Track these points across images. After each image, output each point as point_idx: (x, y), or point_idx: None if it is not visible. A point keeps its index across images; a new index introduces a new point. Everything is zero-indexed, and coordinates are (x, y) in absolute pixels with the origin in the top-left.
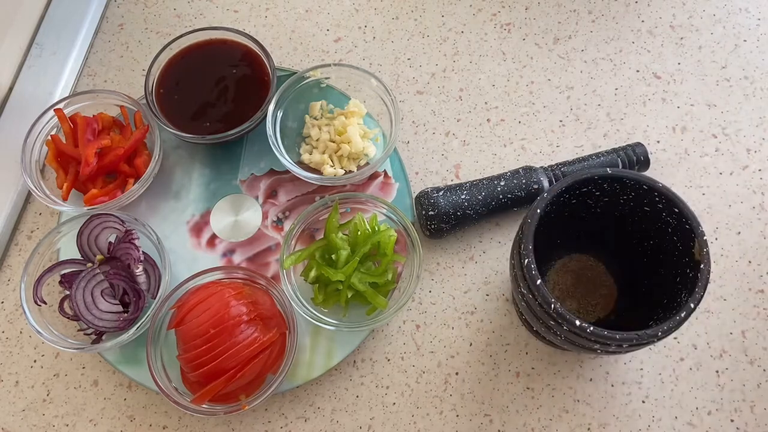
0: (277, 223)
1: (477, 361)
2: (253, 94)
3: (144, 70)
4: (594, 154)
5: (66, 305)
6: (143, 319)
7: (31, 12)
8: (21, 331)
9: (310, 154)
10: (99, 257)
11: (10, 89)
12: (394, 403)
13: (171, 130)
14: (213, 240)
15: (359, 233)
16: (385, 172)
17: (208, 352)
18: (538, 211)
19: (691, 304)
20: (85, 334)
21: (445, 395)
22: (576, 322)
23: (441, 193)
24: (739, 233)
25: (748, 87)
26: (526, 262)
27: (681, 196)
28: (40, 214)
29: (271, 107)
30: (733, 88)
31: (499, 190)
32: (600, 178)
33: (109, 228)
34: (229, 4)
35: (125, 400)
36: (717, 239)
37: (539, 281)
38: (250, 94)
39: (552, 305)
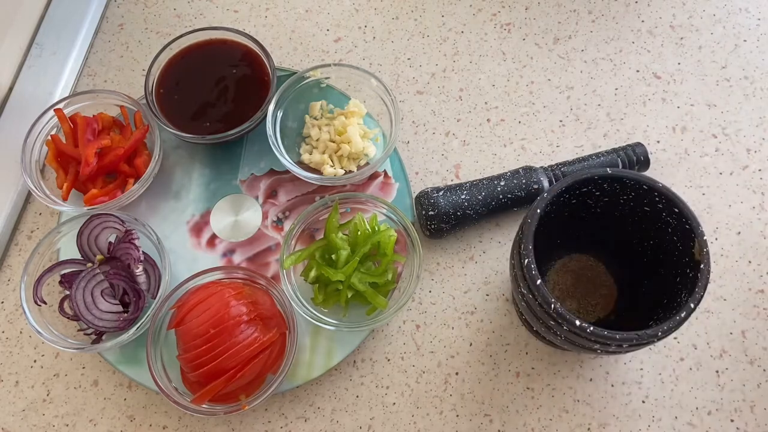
0: (277, 223)
1: (477, 361)
2: (253, 94)
3: (144, 70)
4: (594, 154)
5: (66, 305)
6: (143, 319)
7: (31, 12)
8: (21, 331)
9: (310, 154)
10: (99, 257)
11: (10, 89)
12: (394, 403)
13: (171, 130)
14: (213, 240)
15: (359, 233)
16: (385, 172)
17: (208, 352)
18: (538, 211)
19: (691, 304)
20: (85, 334)
21: (445, 395)
22: (576, 322)
23: (441, 193)
24: (739, 233)
25: (748, 87)
26: (526, 262)
27: (681, 196)
28: (40, 214)
29: (271, 107)
30: (733, 88)
31: (499, 190)
32: (600, 178)
33: (109, 228)
34: (229, 4)
35: (125, 400)
36: (717, 239)
37: (539, 281)
38: (250, 94)
39: (552, 305)
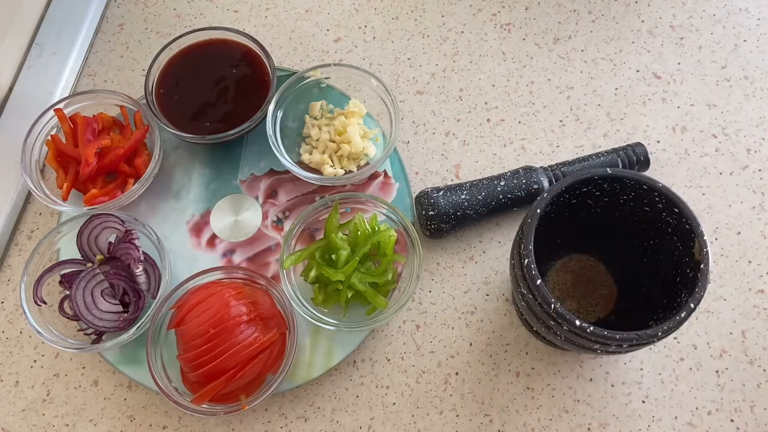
0: (277, 223)
1: (477, 361)
2: (253, 94)
3: (144, 70)
4: (594, 154)
5: (66, 305)
6: (143, 319)
7: (31, 12)
8: (21, 331)
9: (310, 154)
10: (99, 257)
11: (10, 89)
12: (394, 403)
13: (171, 130)
14: (213, 240)
15: (359, 233)
16: (385, 172)
17: (208, 352)
18: (538, 211)
19: (691, 304)
20: (85, 334)
21: (445, 395)
22: (576, 322)
23: (441, 193)
24: (739, 233)
25: (748, 87)
26: (526, 262)
27: (681, 196)
28: (40, 214)
29: (271, 107)
30: (733, 88)
31: (499, 190)
32: (600, 178)
33: (109, 228)
34: (229, 4)
35: (125, 400)
36: (717, 239)
37: (539, 281)
38: (250, 94)
39: (552, 305)
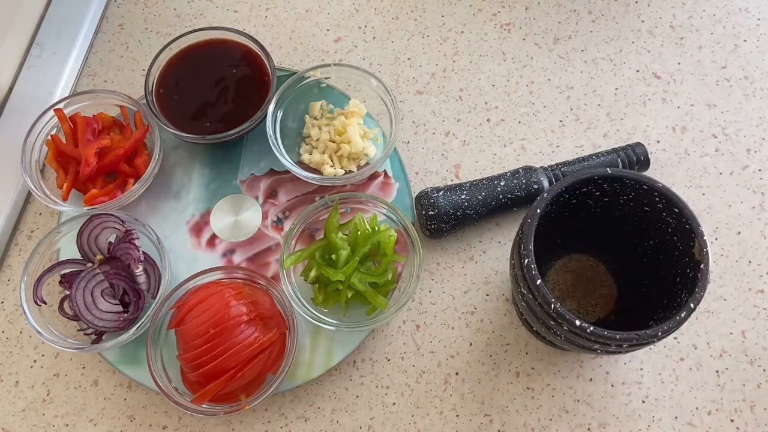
0: (277, 223)
1: (477, 361)
2: (253, 94)
3: (144, 70)
4: (594, 154)
5: (66, 305)
6: (143, 319)
7: (31, 12)
8: (21, 331)
9: (310, 154)
10: (99, 257)
11: (10, 89)
12: (394, 403)
13: (171, 130)
14: (213, 240)
15: (359, 233)
16: (385, 172)
17: (208, 352)
18: (538, 211)
19: (691, 304)
20: (85, 334)
21: (445, 395)
22: (576, 322)
23: (441, 193)
24: (739, 233)
25: (748, 87)
26: (526, 262)
27: (681, 196)
28: (40, 214)
29: (271, 107)
30: (733, 88)
31: (499, 190)
32: (600, 178)
33: (109, 228)
34: (229, 4)
35: (125, 400)
36: (717, 239)
37: (539, 281)
38: (250, 94)
39: (552, 305)
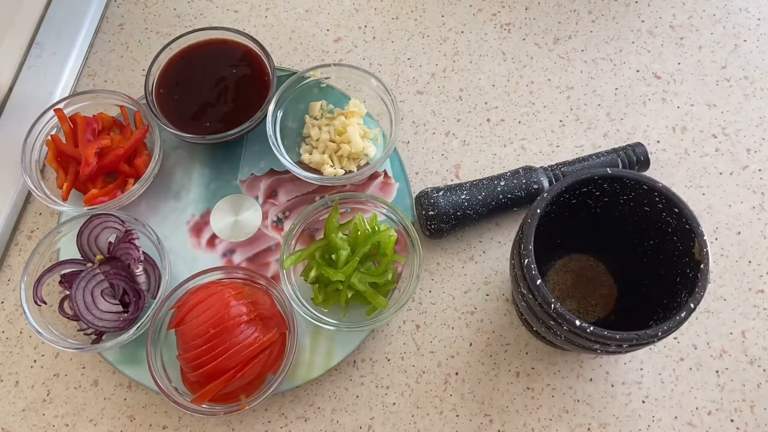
0: (277, 223)
1: (477, 361)
2: (253, 94)
3: (144, 70)
4: (594, 154)
5: (66, 305)
6: (143, 319)
7: (31, 12)
8: (21, 331)
9: (310, 154)
10: (99, 257)
11: (10, 89)
12: (394, 403)
13: (171, 130)
14: (213, 240)
15: (359, 233)
16: (385, 172)
17: (208, 352)
18: (538, 211)
19: (691, 304)
20: (85, 334)
21: (445, 395)
22: (576, 322)
23: (441, 193)
24: (739, 233)
25: (748, 87)
26: (526, 262)
27: (681, 196)
28: (40, 214)
29: (271, 107)
30: (733, 88)
31: (499, 190)
32: (600, 178)
33: (109, 228)
34: (229, 4)
35: (125, 400)
36: (717, 239)
37: (539, 281)
38: (250, 94)
39: (552, 305)
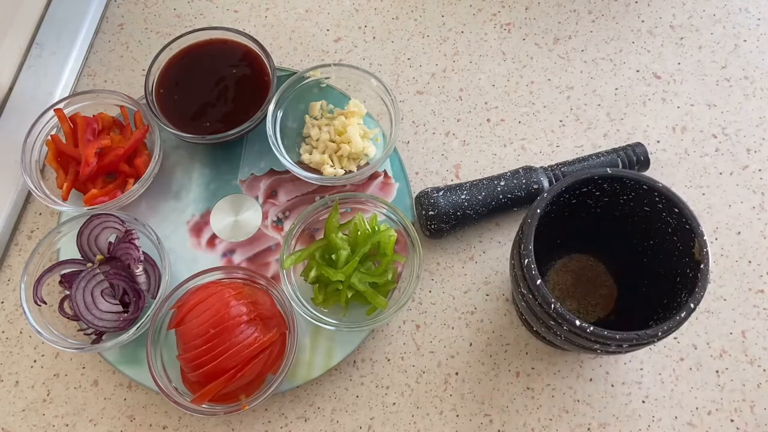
0: (277, 223)
1: (477, 361)
2: (253, 94)
3: (144, 70)
4: (594, 154)
5: (66, 305)
6: (143, 319)
7: (31, 12)
8: (21, 331)
9: (310, 154)
10: (99, 257)
11: (10, 89)
12: (394, 403)
13: (171, 130)
14: (213, 240)
15: (359, 233)
16: (385, 172)
17: (208, 352)
18: (538, 211)
19: (691, 304)
20: (85, 334)
21: (445, 395)
22: (576, 322)
23: (441, 193)
24: (739, 233)
25: (748, 87)
26: (526, 262)
27: (681, 196)
28: (40, 214)
29: (271, 107)
30: (733, 88)
31: (499, 190)
32: (600, 178)
33: (109, 228)
34: (229, 4)
35: (125, 400)
36: (717, 239)
37: (539, 281)
38: (250, 94)
39: (552, 305)
